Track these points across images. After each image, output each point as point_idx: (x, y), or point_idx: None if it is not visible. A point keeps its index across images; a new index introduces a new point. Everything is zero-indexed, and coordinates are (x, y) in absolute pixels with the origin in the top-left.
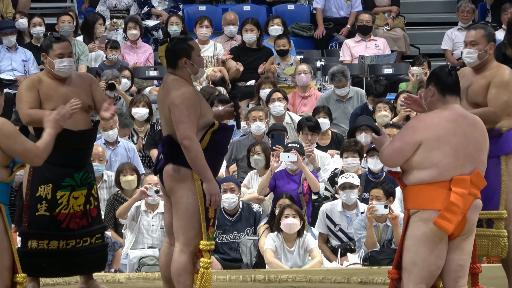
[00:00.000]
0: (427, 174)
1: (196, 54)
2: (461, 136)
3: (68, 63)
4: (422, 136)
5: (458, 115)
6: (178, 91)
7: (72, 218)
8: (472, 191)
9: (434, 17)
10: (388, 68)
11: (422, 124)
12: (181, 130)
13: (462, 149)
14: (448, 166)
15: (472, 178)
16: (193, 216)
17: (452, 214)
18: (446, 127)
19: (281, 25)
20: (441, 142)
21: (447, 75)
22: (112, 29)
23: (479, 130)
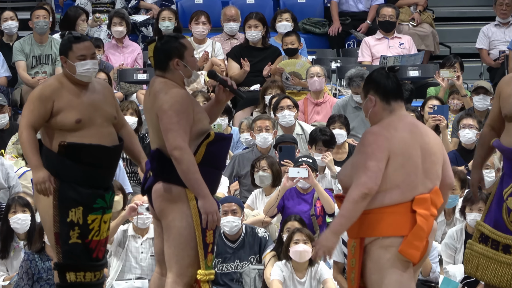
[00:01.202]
0: (386, 196)
1: (189, 54)
2: (418, 148)
3: (91, 65)
4: (389, 150)
5: (411, 124)
6: (167, 95)
7: (100, 246)
8: (433, 211)
9: (468, 11)
10: (414, 70)
11: (381, 137)
12: (171, 139)
13: (421, 164)
14: (410, 185)
15: (432, 196)
16: (188, 242)
17: (419, 240)
18: (404, 140)
19: (291, 20)
20: (404, 158)
21: (386, 78)
22: (95, 25)
23: (433, 140)
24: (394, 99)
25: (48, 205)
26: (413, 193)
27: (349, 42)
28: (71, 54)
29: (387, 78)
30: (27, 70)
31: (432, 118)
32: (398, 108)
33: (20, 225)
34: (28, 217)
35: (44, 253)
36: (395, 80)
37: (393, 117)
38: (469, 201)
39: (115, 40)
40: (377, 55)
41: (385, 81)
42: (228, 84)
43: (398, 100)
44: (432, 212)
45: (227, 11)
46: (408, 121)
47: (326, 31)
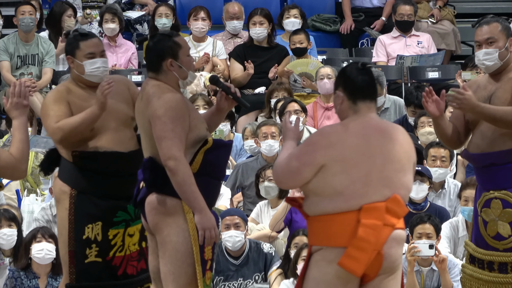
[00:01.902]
0: (329, 203)
1: (185, 54)
2: (374, 155)
3: (101, 64)
4: (325, 157)
5: (372, 128)
6: (160, 100)
7: (128, 261)
8: (389, 220)
9: (492, 7)
10: (434, 71)
11: (325, 141)
12: (165, 148)
13: (376, 172)
14: (356, 193)
15: (389, 205)
16: (185, 259)
17: (361, 251)
18: (355, 145)
19: (299, 17)
20: (348, 164)
21: (358, 74)
22: (85, 22)
23: (401, 146)
24: (361, 98)
25: (65, 218)
26: (360, 201)
27: (363, 41)
28: (79, 52)
29: (359, 74)
30: (12, 71)
31: None
32: (364, 109)
33: (5, 241)
34: (15, 232)
35: (30, 270)
36: (366, 78)
37: (354, 119)
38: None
39: (107, 39)
40: (393, 55)
41: (355, 78)
42: (231, 91)
43: (367, 101)
44: (387, 222)
45: (230, 8)
46: (370, 124)
47: (337, 29)
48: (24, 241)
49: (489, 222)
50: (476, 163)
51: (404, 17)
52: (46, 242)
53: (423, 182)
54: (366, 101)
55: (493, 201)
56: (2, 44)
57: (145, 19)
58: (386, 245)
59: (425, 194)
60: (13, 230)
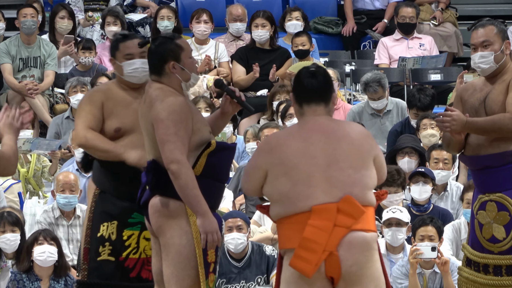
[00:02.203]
0: (280, 207)
1: (187, 56)
2: (316, 156)
3: (140, 64)
4: (266, 162)
5: (314, 131)
6: (163, 103)
7: (143, 265)
8: (341, 221)
9: (494, 9)
10: (436, 73)
11: (266, 146)
12: (167, 151)
13: (320, 172)
14: (301, 194)
15: (340, 206)
16: (188, 261)
17: (309, 252)
18: (294, 148)
19: (301, 19)
20: (288, 167)
21: (306, 77)
22: (87, 24)
23: (349, 143)
24: (306, 102)
25: (86, 215)
26: (308, 203)
27: (365, 43)
28: (118, 54)
29: (308, 77)
30: (14, 74)
31: None
32: (309, 112)
33: (8, 246)
34: (18, 237)
35: (32, 272)
36: (313, 81)
37: (299, 122)
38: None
39: (109, 41)
40: (395, 57)
41: (303, 81)
42: (236, 95)
43: (312, 104)
44: (339, 223)
45: (233, 10)
46: (312, 126)
47: (339, 31)
48: (26, 244)
49: (484, 224)
50: (472, 165)
51: (406, 19)
52: (48, 244)
53: (426, 183)
54: (311, 104)
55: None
56: (4, 46)
57: (147, 21)
58: (341, 247)
59: (428, 195)
60: (16, 235)
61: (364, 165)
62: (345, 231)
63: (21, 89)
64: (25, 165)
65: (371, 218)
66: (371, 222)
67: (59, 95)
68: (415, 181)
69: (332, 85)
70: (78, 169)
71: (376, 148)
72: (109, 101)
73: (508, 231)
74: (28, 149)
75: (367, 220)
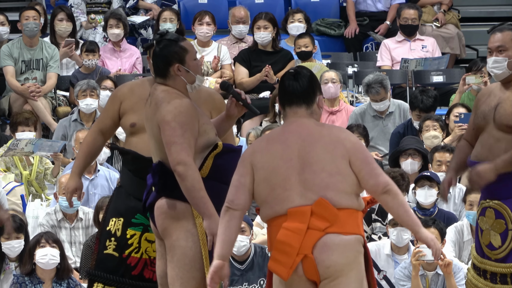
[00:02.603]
0: (262, 211)
1: (191, 58)
2: (292, 159)
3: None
4: (249, 166)
5: (291, 133)
6: (169, 105)
7: (146, 265)
8: (315, 224)
9: (497, 11)
10: (438, 75)
11: (249, 149)
12: (174, 153)
13: (295, 175)
14: (278, 198)
15: (314, 208)
16: (193, 264)
17: (283, 255)
18: (274, 151)
19: (303, 21)
20: (267, 171)
21: (288, 79)
22: (89, 27)
23: (323, 147)
24: (288, 104)
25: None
26: (284, 206)
27: (367, 45)
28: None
29: (290, 79)
30: (16, 76)
31: (459, 127)
32: (291, 115)
33: (12, 252)
34: (22, 243)
35: (34, 275)
36: (296, 84)
37: (283, 124)
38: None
39: (112, 44)
40: (398, 59)
41: (284, 84)
42: (242, 97)
43: (293, 106)
44: (313, 226)
45: (236, 12)
46: (289, 129)
47: (342, 33)
48: (28, 247)
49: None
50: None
51: (408, 21)
52: (50, 247)
53: (432, 187)
54: (292, 106)
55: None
56: (6, 49)
57: (150, 23)
58: (316, 250)
59: (433, 199)
60: (20, 241)
61: (338, 170)
62: (319, 234)
63: (24, 92)
64: (28, 167)
65: (352, 221)
66: (351, 224)
67: (61, 98)
68: (421, 185)
69: (316, 87)
70: None
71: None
72: (129, 101)
73: (504, 240)
74: (31, 150)
75: (346, 222)
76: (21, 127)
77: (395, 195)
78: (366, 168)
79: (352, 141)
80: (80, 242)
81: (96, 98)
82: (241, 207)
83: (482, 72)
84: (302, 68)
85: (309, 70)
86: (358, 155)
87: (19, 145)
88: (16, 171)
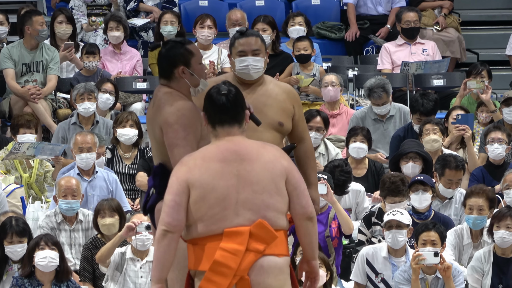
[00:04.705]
0: (193, 229)
1: (197, 61)
2: (231, 178)
3: (252, 62)
4: (185, 184)
5: (230, 151)
6: (172, 107)
7: None
8: (254, 246)
9: (497, 15)
10: (439, 78)
11: (183, 167)
12: (177, 155)
13: (234, 194)
14: (215, 217)
15: (253, 230)
16: None
17: (219, 276)
18: (212, 169)
19: (304, 24)
20: (205, 190)
21: (216, 97)
22: (90, 29)
23: (263, 167)
24: (219, 123)
25: None
26: (221, 225)
27: (368, 48)
28: (233, 50)
29: (220, 94)
30: (16, 79)
31: (456, 128)
32: (223, 134)
33: (15, 256)
34: (24, 246)
35: (34, 277)
36: (225, 102)
37: (215, 143)
38: (497, 218)
39: (112, 46)
40: (398, 63)
41: (214, 100)
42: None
43: (226, 125)
44: (251, 247)
45: (232, 15)
46: (227, 147)
47: (342, 36)
48: (28, 249)
49: None
50: None
51: (410, 24)
52: (50, 249)
53: (425, 191)
54: (225, 126)
55: None
56: (6, 51)
57: (150, 26)
58: (252, 272)
59: (428, 203)
60: (23, 245)
61: (277, 190)
62: (256, 256)
63: (24, 94)
64: (28, 170)
65: (284, 242)
66: (284, 246)
67: (62, 100)
68: (415, 190)
69: (244, 104)
70: (79, 173)
71: (291, 171)
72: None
73: None
74: (32, 154)
75: (280, 244)
76: (22, 129)
77: (315, 223)
78: (299, 188)
79: (287, 159)
80: (80, 244)
81: (94, 101)
82: (179, 229)
83: (482, 76)
84: (230, 84)
85: (235, 86)
86: (295, 174)
87: (20, 149)
88: (16, 173)
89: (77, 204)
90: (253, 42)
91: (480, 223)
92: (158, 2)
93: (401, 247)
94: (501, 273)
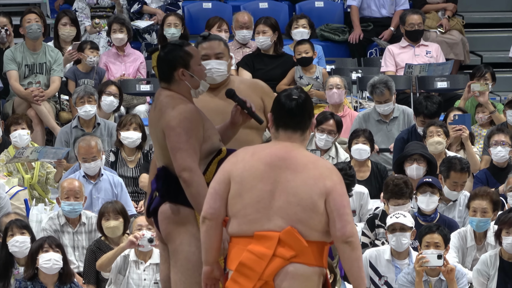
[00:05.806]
0: (230, 225)
1: (196, 63)
2: (271, 183)
3: (215, 65)
4: (227, 175)
5: (278, 156)
6: (174, 110)
7: None
8: (281, 252)
9: (501, 17)
10: (442, 81)
11: (233, 158)
12: (179, 159)
13: (269, 199)
14: (247, 218)
15: (282, 236)
16: (196, 268)
17: (244, 278)
18: (255, 169)
19: (308, 27)
20: (243, 187)
21: (286, 101)
22: (94, 31)
23: (304, 182)
24: (283, 127)
25: None
26: (251, 227)
27: (371, 51)
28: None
29: (288, 100)
30: (20, 81)
31: (453, 129)
32: (283, 138)
33: (19, 248)
34: (27, 239)
35: (37, 280)
36: (295, 107)
37: (270, 145)
38: (506, 223)
39: (116, 48)
40: (402, 65)
41: (282, 103)
42: (247, 106)
43: (289, 131)
44: (278, 253)
45: (240, 17)
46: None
47: (346, 39)
48: (31, 251)
49: None
50: None
51: (414, 26)
52: (53, 252)
53: (433, 194)
54: (288, 131)
55: None
56: (9, 53)
57: (154, 28)
58: (278, 278)
59: (435, 205)
60: (26, 238)
61: (313, 207)
62: (283, 263)
63: (27, 96)
64: (29, 171)
65: (316, 253)
66: (315, 256)
67: (65, 102)
68: (423, 191)
69: (312, 113)
70: (84, 176)
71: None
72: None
73: None
74: (36, 158)
75: (311, 254)
76: (13, 127)
77: (355, 248)
78: (338, 211)
79: (334, 181)
80: (83, 246)
81: (94, 103)
82: (216, 217)
83: (485, 78)
84: (302, 90)
85: (306, 93)
86: (336, 196)
87: (24, 153)
88: (18, 175)
89: (79, 206)
90: (216, 45)
91: (484, 226)
92: (161, 4)
93: (405, 250)
94: (507, 277)
